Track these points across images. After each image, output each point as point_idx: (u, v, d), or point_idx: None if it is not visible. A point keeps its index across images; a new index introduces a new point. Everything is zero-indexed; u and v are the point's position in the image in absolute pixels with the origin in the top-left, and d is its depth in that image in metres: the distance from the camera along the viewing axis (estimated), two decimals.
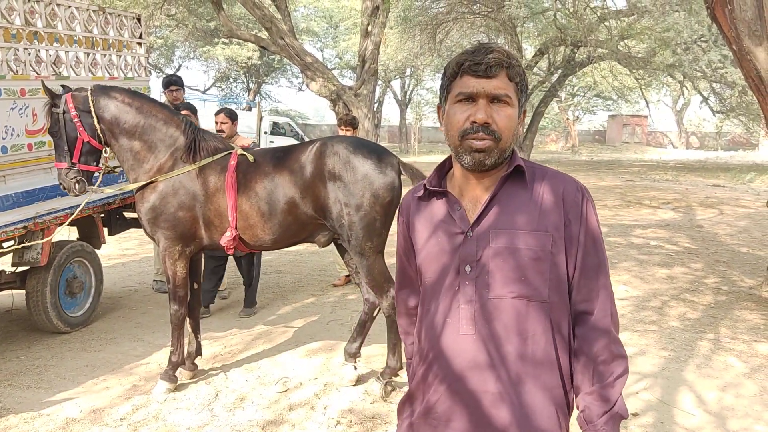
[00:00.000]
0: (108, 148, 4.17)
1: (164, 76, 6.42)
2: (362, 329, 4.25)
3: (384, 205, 3.85)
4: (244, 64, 28.51)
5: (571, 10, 15.01)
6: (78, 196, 4.09)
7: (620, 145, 37.46)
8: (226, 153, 4.12)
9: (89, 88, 4.08)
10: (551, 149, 37.14)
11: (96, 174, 4.16)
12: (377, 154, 3.95)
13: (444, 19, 18.00)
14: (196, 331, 4.40)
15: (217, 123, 5.65)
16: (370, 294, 4.15)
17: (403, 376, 4.04)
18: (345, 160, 3.86)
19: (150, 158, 4.10)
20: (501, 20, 17.83)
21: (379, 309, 4.16)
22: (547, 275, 1.49)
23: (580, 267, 1.53)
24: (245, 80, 33.49)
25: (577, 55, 21.12)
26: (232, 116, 5.72)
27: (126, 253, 8.14)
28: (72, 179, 4.00)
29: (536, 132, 24.80)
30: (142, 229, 6.35)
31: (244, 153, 4.11)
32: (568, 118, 35.15)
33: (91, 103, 4.01)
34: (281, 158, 4.06)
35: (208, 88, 33.38)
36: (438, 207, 1.59)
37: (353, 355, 4.22)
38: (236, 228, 4.01)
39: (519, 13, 14.97)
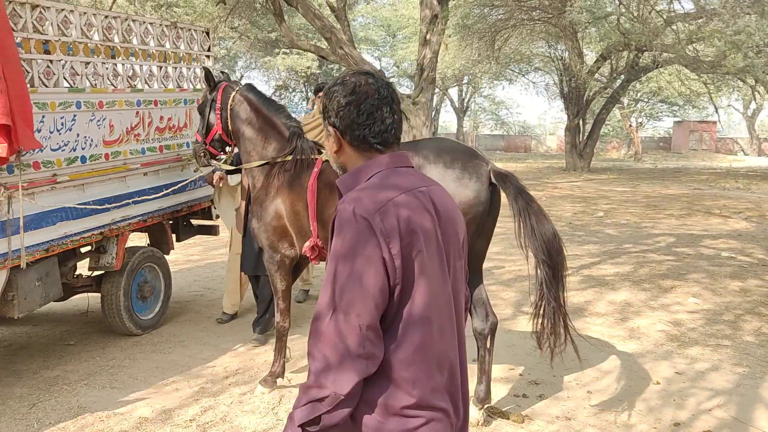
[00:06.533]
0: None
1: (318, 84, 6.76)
2: (484, 366, 3.79)
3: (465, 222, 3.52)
4: (303, 74, 29.00)
5: (636, 14, 14.64)
6: (201, 167, 4.82)
7: (687, 153, 36.14)
8: (311, 159, 4.11)
9: (241, 85, 4.50)
10: (612, 157, 36.18)
11: (219, 157, 4.63)
12: (461, 161, 3.52)
13: (503, 26, 17.88)
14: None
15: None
16: (479, 322, 3.76)
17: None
18: (423, 169, 3.50)
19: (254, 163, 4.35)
20: (562, 26, 17.55)
21: (490, 338, 3.77)
22: None
23: None
24: (304, 89, 34.07)
25: (641, 59, 20.56)
26: None
27: (191, 258, 8.39)
28: (200, 152, 4.58)
29: (597, 139, 24.25)
30: (208, 236, 6.63)
31: (328, 159, 4.08)
32: (630, 125, 34.18)
33: (230, 103, 4.36)
34: None
35: None
36: None
37: (482, 401, 3.77)
38: (317, 237, 3.98)
39: (581, 19, 14.71)
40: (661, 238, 9.52)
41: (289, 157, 4.14)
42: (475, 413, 3.73)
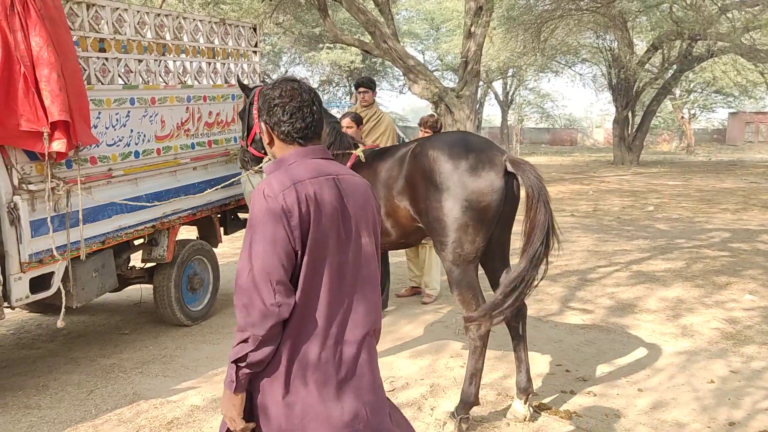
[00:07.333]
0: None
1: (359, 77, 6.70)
2: (519, 354, 3.79)
3: (478, 209, 3.50)
4: (347, 68, 29.14)
5: (689, 2, 14.19)
6: (245, 171, 5.06)
7: (742, 145, 34.90)
8: (345, 153, 4.18)
9: None
10: (663, 150, 35.20)
11: (264, 159, 4.78)
12: (476, 152, 3.58)
13: (549, 17, 17.52)
14: None
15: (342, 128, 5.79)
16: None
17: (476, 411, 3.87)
18: (437, 161, 3.60)
19: None
20: (611, 15, 17.13)
21: (521, 324, 3.78)
22: None
23: None
24: (348, 84, 34.23)
25: (694, 49, 19.95)
26: (357, 120, 5.70)
27: (238, 251, 8.53)
28: (243, 157, 4.86)
29: (647, 132, 23.66)
30: None
31: (359, 154, 4.14)
32: (682, 117, 33.13)
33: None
34: (384, 159, 4.03)
35: None
36: None
37: (525, 391, 3.74)
38: None
39: (631, 7, 14.35)
40: (715, 233, 9.23)
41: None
42: (521, 409, 3.70)
